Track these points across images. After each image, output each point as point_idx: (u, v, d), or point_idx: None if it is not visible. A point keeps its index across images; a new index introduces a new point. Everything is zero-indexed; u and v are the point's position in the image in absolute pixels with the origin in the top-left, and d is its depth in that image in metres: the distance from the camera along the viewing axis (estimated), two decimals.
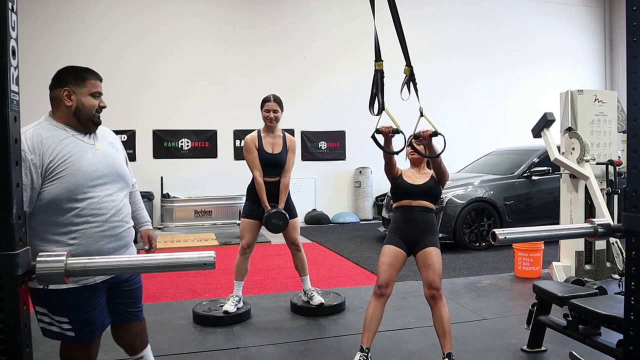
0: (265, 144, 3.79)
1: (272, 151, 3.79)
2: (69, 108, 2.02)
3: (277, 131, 3.86)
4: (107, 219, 2.05)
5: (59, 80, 2.04)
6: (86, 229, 1.99)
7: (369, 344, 2.78)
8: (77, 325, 2.02)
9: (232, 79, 9.83)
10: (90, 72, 2.08)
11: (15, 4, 1.17)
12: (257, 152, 3.77)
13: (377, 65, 2.42)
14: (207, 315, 3.68)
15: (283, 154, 3.81)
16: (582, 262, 4.80)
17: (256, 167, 3.76)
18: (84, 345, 2.09)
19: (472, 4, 11.08)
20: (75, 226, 1.97)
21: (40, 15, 8.94)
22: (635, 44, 1.45)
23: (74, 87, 2.02)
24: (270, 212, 3.68)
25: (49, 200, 1.92)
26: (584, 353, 2.81)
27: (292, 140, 3.91)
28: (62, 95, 2.01)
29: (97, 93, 2.07)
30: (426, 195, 2.91)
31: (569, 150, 4.72)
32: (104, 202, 2.04)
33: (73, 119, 2.04)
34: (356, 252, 6.50)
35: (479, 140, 10.35)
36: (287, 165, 3.83)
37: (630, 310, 1.46)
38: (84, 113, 2.03)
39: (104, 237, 2.04)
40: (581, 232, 1.74)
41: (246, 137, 3.84)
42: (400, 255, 2.87)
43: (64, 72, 2.05)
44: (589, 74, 12.01)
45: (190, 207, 9.27)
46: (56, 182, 1.92)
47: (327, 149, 10.39)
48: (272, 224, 3.67)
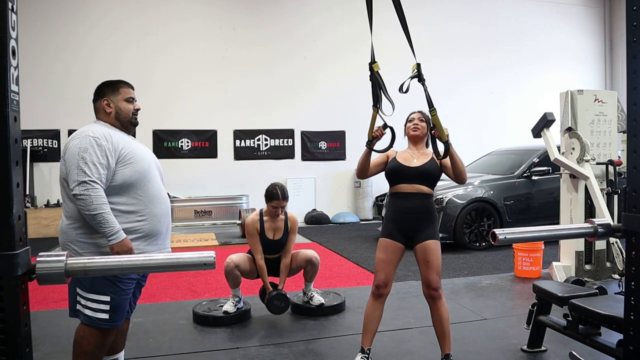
0: (267, 230, 3.74)
1: (273, 237, 3.76)
2: (109, 114, 2.38)
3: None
4: (163, 201, 2.40)
5: (99, 93, 2.40)
6: (152, 209, 2.32)
7: (370, 344, 2.76)
8: (114, 306, 2.23)
9: (232, 79, 9.83)
10: (123, 82, 2.44)
11: (15, 4, 1.17)
12: (259, 236, 3.73)
13: (375, 66, 2.42)
14: (207, 315, 3.68)
15: (284, 238, 3.79)
16: (582, 262, 4.79)
17: (257, 251, 3.73)
18: (110, 330, 2.28)
19: (472, 4, 11.08)
20: (143, 206, 2.29)
21: (40, 15, 8.94)
22: (635, 44, 1.45)
23: (111, 97, 2.38)
24: (272, 294, 3.65)
25: (123, 182, 2.25)
26: (584, 353, 2.80)
27: (294, 221, 3.83)
28: (103, 105, 2.38)
29: (131, 98, 2.42)
30: (423, 178, 2.72)
31: (569, 150, 4.72)
32: (160, 188, 2.41)
33: (116, 122, 2.39)
34: (356, 252, 6.50)
35: (479, 140, 10.35)
36: (287, 246, 3.79)
37: (630, 310, 1.46)
38: (123, 116, 2.39)
39: (163, 216, 2.38)
40: (581, 232, 1.74)
41: (247, 220, 3.78)
42: (398, 248, 2.74)
43: (102, 85, 2.41)
44: (589, 74, 12.01)
45: (190, 207, 9.27)
46: (128, 166, 2.27)
47: (327, 149, 10.39)
48: (273, 306, 3.65)
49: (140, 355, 3.11)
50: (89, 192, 2.12)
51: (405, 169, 2.75)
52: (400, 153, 2.85)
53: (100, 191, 2.15)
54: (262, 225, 3.73)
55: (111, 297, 2.23)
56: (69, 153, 2.20)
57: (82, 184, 2.12)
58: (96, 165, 2.16)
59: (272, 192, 3.68)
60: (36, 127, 8.87)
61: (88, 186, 2.12)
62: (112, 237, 2.14)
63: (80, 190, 2.12)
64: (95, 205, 2.12)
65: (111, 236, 2.14)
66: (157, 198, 2.36)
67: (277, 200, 3.66)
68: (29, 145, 8.78)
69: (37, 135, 8.97)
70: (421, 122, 2.83)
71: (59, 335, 3.35)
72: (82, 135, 2.22)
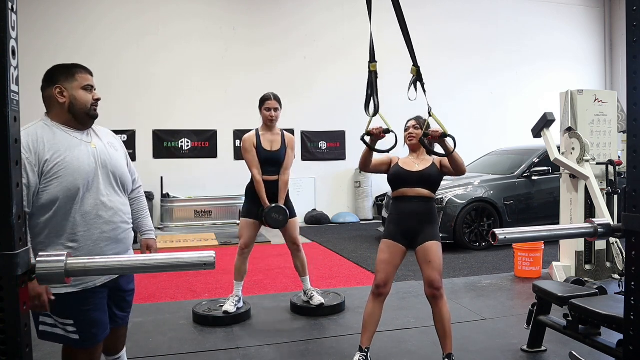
0: (263, 142, 3.77)
1: (271, 148, 3.77)
2: (62, 105, 1.99)
3: (275, 129, 3.85)
4: (107, 220, 2.02)
5: (49, 79, 2.00)
6: (86, 232, 1.97)
7: (368, 343, 2.78)
8: (81, 327, 2.00)
9: (232, 79, 9.83)
10: (79, 67, 2.04)
11: (15, 4, 1.17)
12: (256, 150, 3.75)
13: (372, 66, 2.42)
14: (207, 315, 3.68)
15: (282, 151, 3.79)
16: (582, 262, 4.79)
17: (255, 166, 3.74)
18: (88, 349, 2.07)
19: (472, 4, 11.08)
20: (75, 228, 1.95)
21: (40, 15, 8.94)
22: (635, 44, 1.45)
23: (64, 83, 1.98)
24: (270, 206, 3.68)
25: (50, 201, 1.90)
26: (584, 353, 2.81)
27: (291, 138, 3.90)
28: (55, 93, 1.98)
29: (89, 86, 2.03)
30: (423, 182, 2.80)
31: (569, 150, 4.72)
32: (103, 203, 2.02)
33: (68, 116, 2.00)
34: (356, 252, 6.50)
35: (479, 140, 10.34)
36: (286, 162, 3.81)
37: (630, 310, 1.46)
38: (79, 107, 2.00)
39: (105, 239, 2.02)
40: (581, 232, 1.73)
41: (244, 137, 3.83)
42: (399, 250, 2.81)
43: (53, 70, 2.02)
44: (589, 74, 12.01)
45: (190, 207, 9.27)
46: (55, 182, 1.90)
47: (327, 149, 10.39)
48: (271, 219, 3.66)
49: (140, 355, 3.11)
50: None
51: (407, 174, 2.83)
52: (403, 159, 2.93)
53: None
54: (259, 139, 3.78)
55: (74, 320, 1.99)
56: None
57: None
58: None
59: (264, 96, 3.79)
60: None
61: None
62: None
63: None
64: None
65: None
66: (94, 217, 1.99)
67: (270, 101, 3.75)
68: None
69: None
70: (415, 129, 2.88)
71: None
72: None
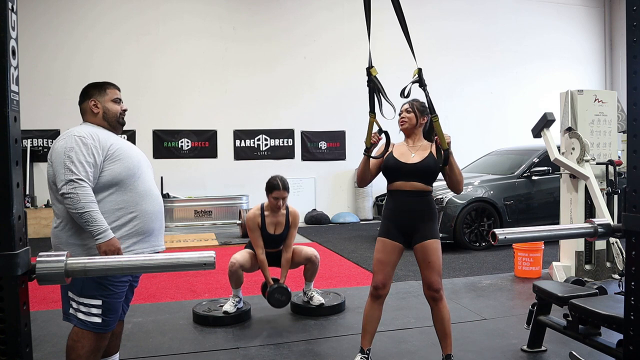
0: (268, 225, 3.72)
1: (274, 232, 3.74)
2: (97, 114, 2.38)
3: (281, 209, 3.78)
4: (155, 198, 2.37)
5: (85, 94, 2.40)
6: (143, 207, 2.29)
7: (369, 345, 2.75)
8: (106, 309, 2.21)
9: (232, 79, 9.83)
10: (109, 83, 2.45)
11: (15, 4, 1.17)
12: (260, 231, 3.71)
13: (373, 71, 2.42)
14: (207, 315, 3.68)
15: (285, 232, 3.77)
16: (582, 262, 4.79)
17: (258, 246, 3.72)
18: (102, 334, 2.24)
19: (473, 4, 11.08)
20: (133, 203, 2.27)
21: (39, 14, 8.94)
22: (635, 44, 1.45)
23: (97, 97, 2.38)
24: (274, 287, 3.65)
25: (112, 179, 2.22)
26: (584, 353, 2.80)
27: (296, 215, 3.81)
28: (90, 106, 2.38)
29: (118, 99, 2.43)
30: (420, 175, 2.62)
31: (569, 150, 4.72)
32: (152, 185, 2.40)
33: (103, 122, 2.38)
34: (356, 252, 6.50)
35: (479, 140, 10.35)
36: (288, 240, 3.78)
37: (630, 310, 1.46)
38: (111, 116, 2.39)
39: (155, 214, 2.35)
40: (581, 232, 1.73)
41: (248, 214, 3.75)
42: (396, 248, 2.67)
43: (88, 87, 2.42)
44: (589, 74, 12.01)
45: (190, 207, 9.27)
46: (117, 163, 2.25)
47: (327, 149, 10.39)
48: (274, 299, 3.64)
49: (140, 355, 3.11)
50: (76, 190, 2.09)
51: (402, 166, 2.64)
52: (397, 147, 2.75)
53: (88, 189, 2.12)
54: (263, 219, 3.71)
55: (103, 300, 2.20)
56: (55, 154, 2.18)
57: (69, 183, 2.10)
58: (82, 163, 2.14)
59: (272, 183, 3.66)
60: (36, 127, 8.87)
61: (75, 184, 2.09)
62: (99, 236, 2.10)
63: (67, 189, 2.09)
64: (82, 203, 2.09)
65: (98, 235, 2.10)
66: (149, 195, 2.33)
67: (278, 191, 3.63)
68: (29, 145, 8.79)
69: (37, 135, 8.98)
70: (408, 113, 2.72)
71: (59, 335, 3.35)
72: (68, 136, 2.21)
